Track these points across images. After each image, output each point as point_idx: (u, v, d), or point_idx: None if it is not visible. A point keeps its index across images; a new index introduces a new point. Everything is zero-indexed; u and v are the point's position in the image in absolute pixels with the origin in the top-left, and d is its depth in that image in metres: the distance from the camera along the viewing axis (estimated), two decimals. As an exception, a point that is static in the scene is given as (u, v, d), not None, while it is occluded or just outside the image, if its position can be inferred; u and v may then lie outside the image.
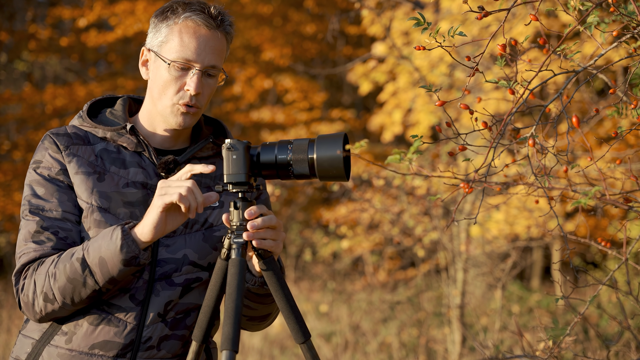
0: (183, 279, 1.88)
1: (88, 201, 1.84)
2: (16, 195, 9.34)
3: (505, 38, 1.77)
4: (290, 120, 11.15)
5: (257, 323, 2.00)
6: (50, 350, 1.84)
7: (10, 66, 12.20)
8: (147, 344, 1.85)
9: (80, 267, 1.74)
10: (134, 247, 1.72)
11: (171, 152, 1.95)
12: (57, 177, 1.86)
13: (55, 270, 1.77)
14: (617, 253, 2.15)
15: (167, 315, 1.87)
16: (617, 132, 1.91)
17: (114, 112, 1.96)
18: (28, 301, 1.81)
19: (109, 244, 1.73)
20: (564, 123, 6.05)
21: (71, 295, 1.77)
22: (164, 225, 1.73)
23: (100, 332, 1.83)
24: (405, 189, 5.71)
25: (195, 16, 1.84)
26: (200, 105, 1.88)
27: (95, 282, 1.75)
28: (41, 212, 1.83)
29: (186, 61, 1.84)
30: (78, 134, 1.90)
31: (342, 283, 8.80)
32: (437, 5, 6.50)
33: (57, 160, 1.86)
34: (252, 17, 10.95)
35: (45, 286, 1.78)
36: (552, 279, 8.60)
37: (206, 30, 1.85)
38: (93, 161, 1.87)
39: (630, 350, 3.27)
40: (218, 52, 1.87)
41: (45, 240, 1.82)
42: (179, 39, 1.84)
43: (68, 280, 1.75)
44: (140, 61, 1.93)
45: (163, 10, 1.90)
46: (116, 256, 1.72)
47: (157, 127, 1.94)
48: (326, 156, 1.71)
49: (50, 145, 1.88)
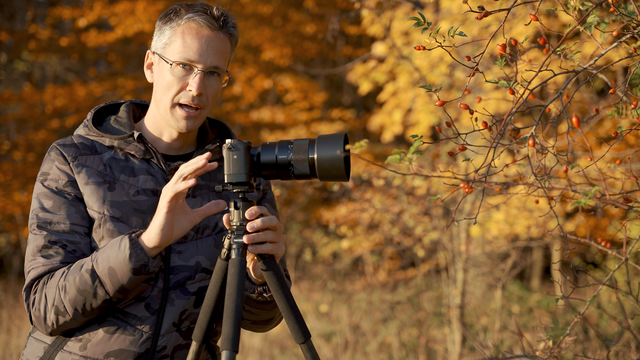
0: (197, 287, 1.89)
1: (100, 211, 1.84)
2: (16, 196, 9.34)
3: (505, 38, 1.77)
4: (290, 120, 11.15)
5: (260, 326, 2.00)
6: (64, 356, 1.84)
7: (10, 66, 12.21)
8: (162, 353, 1.85)
9: (90, 278, 1.74)
10: (143, 255, 1.72)
11: (178, 157, 1.95)
12: (65, 189, 1.85)
13: (65, 282, 1.76)
14: (617, 253, 2.15)
15: (182, 325, 1.88)
16: (617, 132, 1.91)
17: (119, 119, 1.96)
18: (40, 315, 1.80)
19: (117, 253, 1.72)
20: (564, 123, 6.05)
21: (82, 306, 1.77)
22: (171, 229, 1.72)
23: (116, 340, 1.83)
24: (405, 189, 5.71)
25: (198, 17, 1.85)
26: (203, 106, 1.88)
27: (105, 292, 1.75)
28: (49, 225, 1.83)
29: (188, 61, 1.84)
30: (85, 144, 1.90)
31: (342, 283, 8.80)
32: (437, 5, 6.50)
33: (65, 172, 1.85)
34: (252, 17, 10.95)
35: (56, 299, 1.77)
36: (552, 279, 8.60)
37: (209, 31, 1.85)
38: (102, 171, 1.87)
39: (630, 350, 3.27)
40: (221, 53, 1.87)
41: (53, 254, 1.81)
42: (181, 40, 1.84)
43: (78, 292, 1.75)
44: (145, 64, 1.94)
45: (167, 12, 1.91)
46: (125, 265, 1.72)
47: (163, 132, 1.94)
48: (327, 156, 1.71)
49: (57, 156, 1.87)
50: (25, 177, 9.51)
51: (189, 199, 1.91)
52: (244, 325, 2.01)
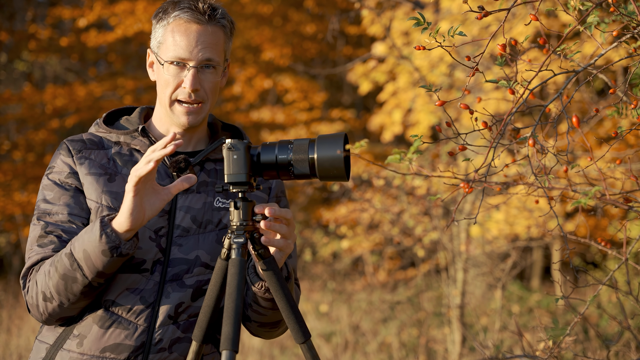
0: (194, 281, 1.89)
1: (97, 201, 1.86)
2: (16, 195, 9.34)
3: (505, 38, 1.77)
4: (290, 120, 11.15)
5: (268, 330, 1.99)
6: (63, 355, 1.85)
7: (10, 66, 12.21)
8: (158, 346, 1.85)
9: (68, 261, 1.76)
10: (114, 237, 1.72)
11: (185, 154, 1.96)
12: (66, 181, 1.88)
13: (50, 268, 1.78)
14: (617, 253, 2.15)
15: (178, 318, 1.88)
16: (617, 132, 1.91)
17: (130, 119, 2.01)
18: (33, 302, 1.83)
19: (90, 236, 1.73)
20: (564, 123, 6.05)
21: (65, 292, 1.78)
22: (142, 211, 1.72)
23: (111, 335, 1.84)
24: (405, 189, 5.71)
25: (184, 14, 1.87)
26: (202, 100, 1.90)
27: (83, 275, 1.76)
28: (47, 216, 1.86)
29: (180, 59, 1.86)
30: (93, 140, 1.94)
31: (342, 283, 8.80)
32: (437, 5, 6.50)
33: (67, 164, 1.90)
34: (252, 17, 10.94)
35: (43, 285, 1.79)
36: (552, 279, 8.60)
37: (197, 26, 1.87)
38: (105, 164, 1.90)
39: (630, 350, 3.27)
40: (212, 45, 1.88)
41: (47, 242, 1.84)
42: (171, 39, 1.87)
43: (60, 277, 1.77)
44: (147, 63, 1.97)
45: (157, 12, 1.94)
46: (97, 247, 1.72)
47: (169, 129, 1.96)
48: (327, 156, 1.71)
49: (63, 150, 1.92)
50: (25, 177, 9.51)
51: (193, 195, 1.93)
52: (252, 329, 2.00)
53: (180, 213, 1.90)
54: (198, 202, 1.92)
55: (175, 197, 1.91)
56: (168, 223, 1.89)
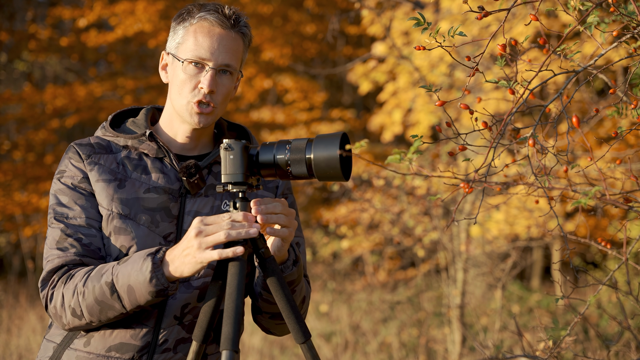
0: (201, 282, 1.89)
1: (108, 208, 1.87)
2: (16, 196, 9.34)
3: (505, 38, 1.77)
4: (290, 120, 11.15)
5: (280, 322, 1.99)
6: (70, 354, 1.86)
7: (10, 66, 12.21)
8: (164, 346, 1.86)
9: (109, 291, 1.76)
10: (164, 281, 1.73)
11: (192, 157, 1.97)
12: (80, 185, 1.89)
13: (85, 289, 1.78)
14: (617, 253, 2.15)
15: (184, 318, 1.88)
16: (617, 132, 1.91)
17: (136, 121, 2.00)
18: (56, 312, 1.83)
19: (138, 274, 1.73)
20: (564, 123, 6.05)
21: (98, 315, 1.79)
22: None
23: (117, 334, 1.85)
24: (405, 189, 5.71)
25: (210, 16, 1.88)
26: (215, 104, 1.90)
27: (122, 306, 1.77)
28: (65, 219, 1.86)
29: (200, 59, 1.87)
30: (101, 144, 1.94)
31: (342, 283, 8.80)
32: (437, 5, 6.50)
33: (79, 169, 1.90)
34: (252, 17, 10.94)
35: (73, 302, 1.79)
36: (552, 279, 8.60)
37: (220, 30, 1.88)
38: (114, 169, 1.91)
39: (630, 350, 3.27)
40: (233, 51, 1.89)
41: (68, 246, 1.84)
42: (193, 39, 1.87)
43: (96, 301, 1.77)
44: (160, 65, 1.97)
45: (180, 13, 1.95)
46: (144, 288, 1.73)
47: (178, 132, 1.96)
48: (323, 156, 1.71)
49: (73, 155, 1.92)
50: (25, 177, 9.51)
51: (201, 198, 1.93)
52: (264, 322, 2.01)
53: (189, 218, 1.91)
54: (206, 206, 1.93)
55: (184, 201, 1.91)
56: (176, 228, 1.90)
